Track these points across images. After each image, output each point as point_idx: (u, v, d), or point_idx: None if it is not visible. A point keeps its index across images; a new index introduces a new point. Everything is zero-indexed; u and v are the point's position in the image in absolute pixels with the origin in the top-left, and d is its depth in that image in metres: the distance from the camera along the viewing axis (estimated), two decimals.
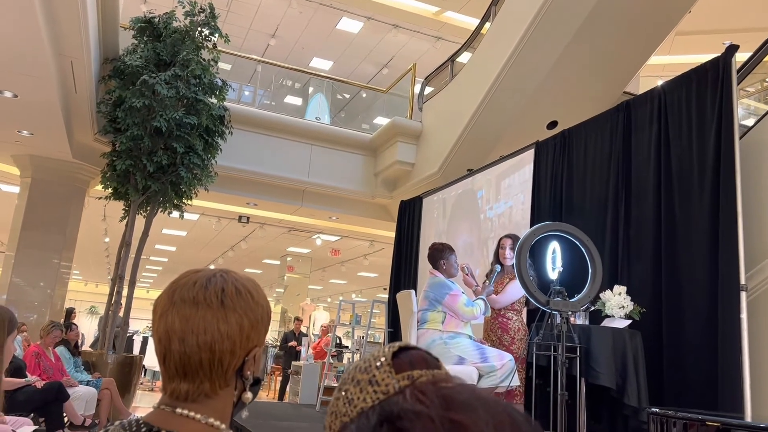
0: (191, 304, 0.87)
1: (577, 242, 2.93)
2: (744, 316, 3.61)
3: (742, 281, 3.66)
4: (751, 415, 3.48)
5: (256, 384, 0.94)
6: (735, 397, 3.51)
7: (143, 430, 0.84)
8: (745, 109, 6.82)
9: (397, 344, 0.63)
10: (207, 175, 7.72)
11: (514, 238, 4.14)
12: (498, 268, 3.96)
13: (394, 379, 0.58)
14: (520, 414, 0.54)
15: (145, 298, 29.60)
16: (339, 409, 0.60)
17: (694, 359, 3.88)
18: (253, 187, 9.25)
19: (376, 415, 0.55)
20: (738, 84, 4.05)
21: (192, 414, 0.85)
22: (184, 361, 0.86)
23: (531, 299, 2.85)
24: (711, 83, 4.05)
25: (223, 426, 0.87)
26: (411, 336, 3.45)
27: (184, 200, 7.82)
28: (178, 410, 0.86)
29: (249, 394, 0.92)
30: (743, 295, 3.65)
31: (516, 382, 3.49)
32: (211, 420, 0.86)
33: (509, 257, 4.06)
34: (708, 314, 3.84)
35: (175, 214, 8.01)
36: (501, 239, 4.19)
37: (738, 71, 4.10)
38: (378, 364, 0.61)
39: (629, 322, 3.96)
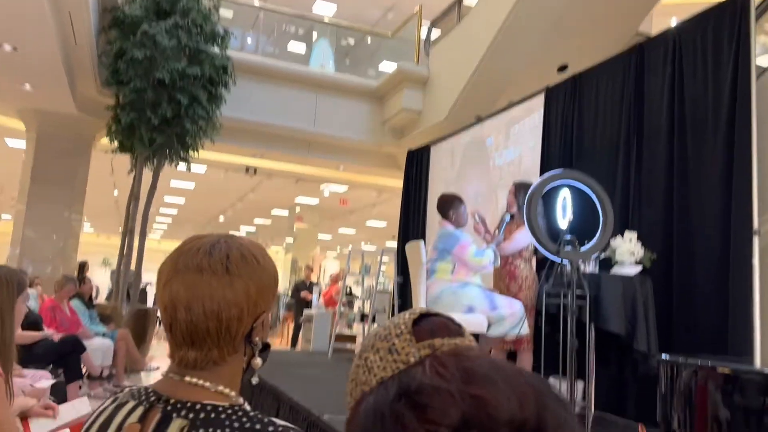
0: (196, 271, 0.84)
1: (588, 191, 2.89)
2: (756, 261, 3.59)
3: (755, 226, 3.62)
4: (760, 360, 3.50)
5: (265, 349, 0.92)
6: (745, 342, 3.52)
7: (152, 398, 0.84)
8: (762, 47, 6.60)
9: (418, 311, 0.61)
10: (212, 126, 7.65)
11: (518, 185, 4.10)
12: (507, 217, 3.93)
13: (415, 347, 0.57)
14: (542, 381, 0.52)
15: (157, 250, 29.94)
16: (359, 377, 0.59)
17: (704, 304, 3.88)
18: (259, 138, 9.17)
19: (395, 386, 0.53)
20: (756, 20, 3.89)
21: (201, 382, 0.84)
22: (191, 330, 0.84)
23: (541, 249, 2.83)
24: (728, 22, 3.90)
25: (233, 393, 0.86)
26: (420, 287, 3.46)
27: (191, 152, 7.78)
28: (187, 378, 0.85)
29: (258, 360, 0.91)
30: (756, 239, 3.61)
31: (525, 330, 3.51)
32: (221, 387, 0.85)
33: (512, 206, 4.04)
34: (719, 259, 3.81)
35: (182, 166, 7.99)
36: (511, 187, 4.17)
37: (756, 8, 3.94)
38: (398, 331, 0.59)
39: (639, 268, 3.94)
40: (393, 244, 10.29)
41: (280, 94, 8.88)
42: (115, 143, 7.57)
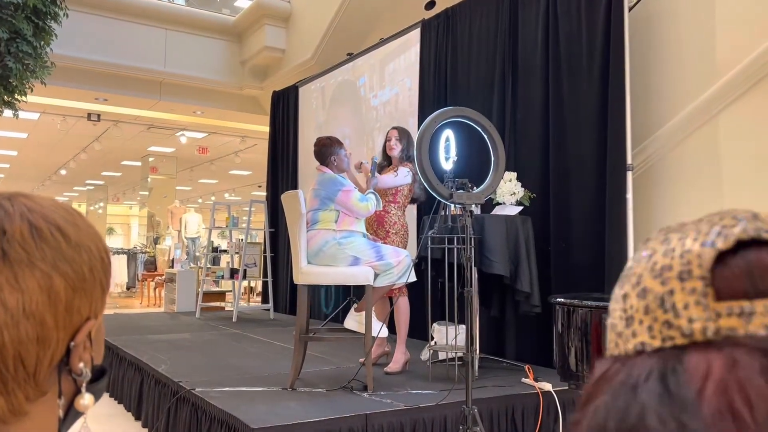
0: None
1: (479, 128, 2.68)
2: (630, 196, 3.64)
3: (629, 161, 3.66)
4: None
5: (100, 377, 0.56)
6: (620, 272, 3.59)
7: None
8: None
9: (734, 234, 0.32)
10: (42, 65, 6.59)
11: (400, 129, 3.90)
12: (376, 158, 3.72)
13: (709, 312, 0.30)
14: None
15: None
16: (615, 321, 0.35)
17: (581, 241, 3.92)
18: (101, 80, 8.14)
19: (656, 379, 0.30)
20: None
21: None
22: None
23: (433, 193, 2.60)
24: None
25: None
26: (300, 239, 3.12)
27: (17, 96, 6.68)
28: None
29: (87, 399, 0.54)
30: (629, 175, 3.66)
31: (413, 278, 3.33)
32: None
33: (396, 148, 3.82)
34: (595, 196, 3.84)
35: (8, 113, 6.86)
36: (389, 131, 3.93)
37: None
38: (685, 270, 0.31)
39: (520, 208, 3.90)
40: (259, 194, 9.76)
41: (124, 30, 7.88)
42: None
